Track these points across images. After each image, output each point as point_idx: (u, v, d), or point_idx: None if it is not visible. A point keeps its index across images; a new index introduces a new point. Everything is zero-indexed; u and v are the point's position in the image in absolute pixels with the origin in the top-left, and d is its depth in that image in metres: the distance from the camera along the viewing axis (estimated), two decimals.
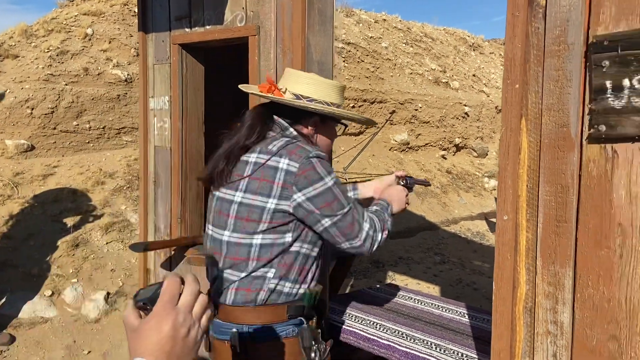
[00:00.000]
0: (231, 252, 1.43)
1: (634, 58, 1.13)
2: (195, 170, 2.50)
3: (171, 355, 0.68)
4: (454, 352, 1.72)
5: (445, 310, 2.14)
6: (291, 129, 1.51)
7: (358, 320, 1.99)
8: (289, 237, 1.44)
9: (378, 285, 2.67)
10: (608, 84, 1.17)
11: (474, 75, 9.13)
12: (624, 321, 1.16)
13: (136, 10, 3.54)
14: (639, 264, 1.14)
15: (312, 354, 1.41)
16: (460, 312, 2.11)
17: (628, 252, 1.15)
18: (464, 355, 1.70)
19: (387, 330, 1.89)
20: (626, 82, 1.14)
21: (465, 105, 8.15)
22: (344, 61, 6.93)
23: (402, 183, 1.84)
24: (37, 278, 3.54)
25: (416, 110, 7.40)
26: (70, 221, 3.96)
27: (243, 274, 1.43)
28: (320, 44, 1.99)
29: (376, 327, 1.92)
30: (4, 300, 3.32)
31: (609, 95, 1.17)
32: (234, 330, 1.41)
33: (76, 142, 4.66)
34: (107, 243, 3.93)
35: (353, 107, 6.59)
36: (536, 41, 1.28)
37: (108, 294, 3.61)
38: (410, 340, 1.81)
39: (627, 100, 1.14)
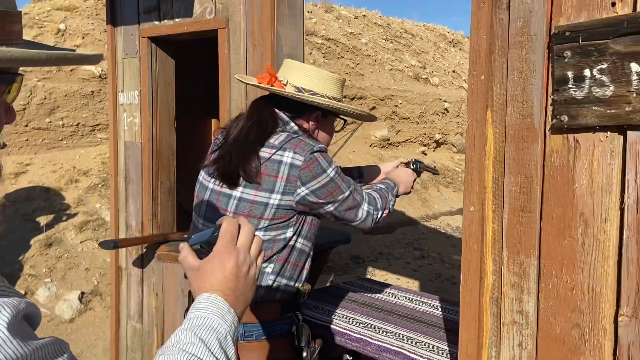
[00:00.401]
0: None
1: (595, 48, 1.13)
2: (166, 166, 2.47)
3: (236, 291, 0.72)
4: (425, 344, 1.72)
5: (419, 303, 2.14)
6: (292, 124, 1.49)
7: (331, 315, 1.98)
8: (289, 232, 1.43)
9: (352, 280, 2.67)
10: (570, 74, 1.17)
11: (453, 72, 9.19)
12: (587, 309, 1.17)
13: None
14: (600, 252, 1.15)
15: (304, 353, 1.40)
16: (433, 305, 2.12)
17: (590, 241, 1.16)
18: (435, 347, 1.70)
19: (359, 324, 1.89)
20: (587, 72, 1.15)
21: (445, 101, 8.20)
22: (323, 57, 6.91)
23: (412, 167, 1.83)
24: (9, 278, 3.46)
25: (396, 106, 7.43)
26: (43, 220, 3.88)
27: None
28: (291, 36, 1.97)
29: (349, 321, 1.92)
30: None
31: (570, 86, 1.17)
32: None
33: (49, 139, 4.56)
34: (81, 242, 3.85)
35: None
36: (500, 32, 1.28)
37: (82, 293, 3.54)
38: (382, 333, 1.81)
39: (588, 90, 1.15)
